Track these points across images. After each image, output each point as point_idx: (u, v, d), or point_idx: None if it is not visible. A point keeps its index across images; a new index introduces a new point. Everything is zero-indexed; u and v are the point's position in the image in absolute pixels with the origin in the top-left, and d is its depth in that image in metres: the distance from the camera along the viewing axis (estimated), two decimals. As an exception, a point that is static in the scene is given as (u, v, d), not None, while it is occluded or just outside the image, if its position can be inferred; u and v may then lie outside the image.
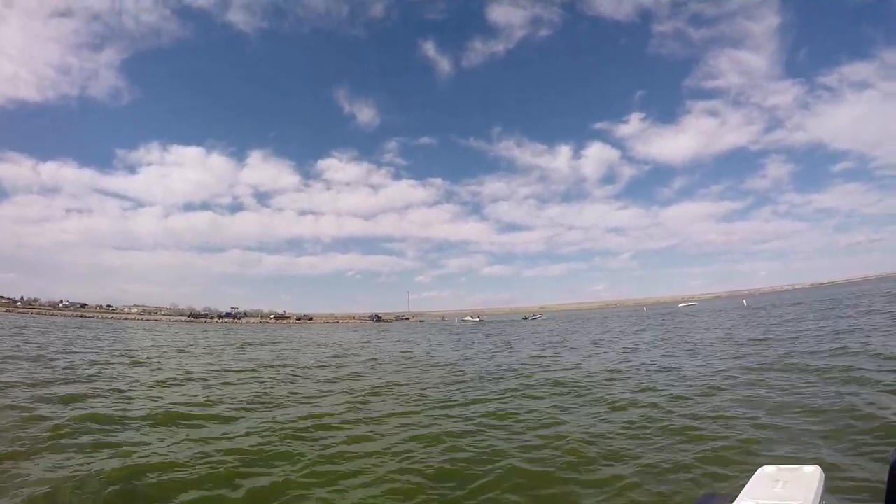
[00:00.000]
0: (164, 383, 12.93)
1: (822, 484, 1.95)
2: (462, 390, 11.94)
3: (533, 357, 19.30)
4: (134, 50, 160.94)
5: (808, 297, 62.42)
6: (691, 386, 10.53)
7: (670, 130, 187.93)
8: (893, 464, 1.86)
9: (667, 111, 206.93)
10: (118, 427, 8.03)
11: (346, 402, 10.50)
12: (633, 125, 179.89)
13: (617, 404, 9.28)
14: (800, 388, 9.24)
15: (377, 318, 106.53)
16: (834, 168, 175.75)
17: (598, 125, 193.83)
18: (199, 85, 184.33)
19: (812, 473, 2.01)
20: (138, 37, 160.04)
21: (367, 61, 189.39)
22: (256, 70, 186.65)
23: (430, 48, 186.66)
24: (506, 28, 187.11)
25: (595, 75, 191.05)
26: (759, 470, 2.18)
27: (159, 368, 16.55)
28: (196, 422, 8.61)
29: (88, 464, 6.12)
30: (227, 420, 8.83)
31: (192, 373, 15.46)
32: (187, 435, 7.65)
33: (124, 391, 11.39)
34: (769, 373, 11.14)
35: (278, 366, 18.19)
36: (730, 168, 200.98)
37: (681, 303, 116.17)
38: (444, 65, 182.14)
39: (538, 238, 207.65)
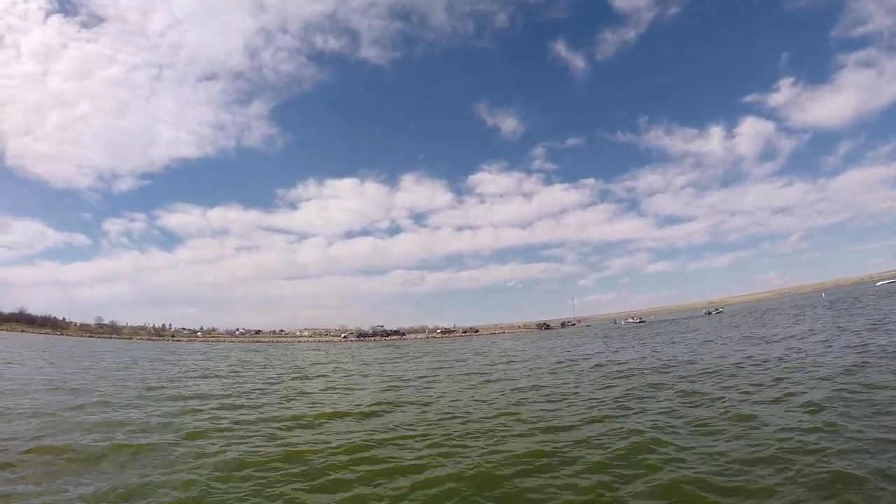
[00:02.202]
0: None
1: None
2: None
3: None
4: (279, 99, 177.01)
5: None
6: None
7: (825, 91, 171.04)
8: None
9: (818, 70, 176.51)
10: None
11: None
12: (784, 92, 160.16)
13: None
14: None
15: (545, 326, 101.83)
16: None
17: (747, 98, 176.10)
18: (345, 120, 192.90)
19: None
20: (281, 87, 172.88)
21: (502, 71, 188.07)
22: (397, 97, 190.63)
23: (560, 48, 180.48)
24: (633, 13, 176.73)
25: (734, 45, 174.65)
26: None
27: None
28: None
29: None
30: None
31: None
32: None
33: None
34: None
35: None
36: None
37: (878, 281, 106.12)
38: (578, 62, 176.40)
39: (701, 228, 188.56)
